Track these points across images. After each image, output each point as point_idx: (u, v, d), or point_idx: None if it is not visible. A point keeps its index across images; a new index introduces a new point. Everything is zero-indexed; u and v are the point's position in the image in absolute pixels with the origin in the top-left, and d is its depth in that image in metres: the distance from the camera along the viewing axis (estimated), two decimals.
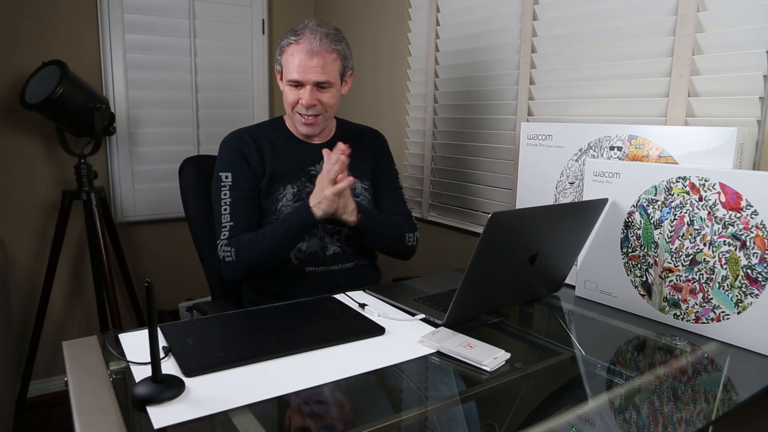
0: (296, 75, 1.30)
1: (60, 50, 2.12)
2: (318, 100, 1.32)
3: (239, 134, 1.41)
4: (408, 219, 1.50)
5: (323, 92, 1.32)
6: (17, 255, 2.17)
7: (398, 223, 1.46)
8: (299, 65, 1.29)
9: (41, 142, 2.15)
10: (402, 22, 2.08)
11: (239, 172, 1.36)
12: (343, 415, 0.75)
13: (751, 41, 1.10)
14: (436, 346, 0.94)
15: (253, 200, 1.36)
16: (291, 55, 1.30)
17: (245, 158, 1.37)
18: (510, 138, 1.66)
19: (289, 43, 1.31)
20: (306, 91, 1.31)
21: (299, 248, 1.36)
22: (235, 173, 1.36)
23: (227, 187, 1.35)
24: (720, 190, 1.00)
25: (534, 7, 1.54)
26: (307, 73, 1.29)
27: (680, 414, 0.76)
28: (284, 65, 1.33)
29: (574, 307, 1.22)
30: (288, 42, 1.32)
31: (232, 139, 1.40)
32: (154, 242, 2.43)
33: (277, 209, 1.36)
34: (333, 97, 1.34)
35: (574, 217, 1.11)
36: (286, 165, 1.38)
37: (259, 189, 1.37)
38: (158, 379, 0.75)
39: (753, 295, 0.96)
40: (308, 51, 1.28)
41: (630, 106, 1.32)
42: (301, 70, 1.29)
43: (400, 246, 1.45)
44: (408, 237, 1.46)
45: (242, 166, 1.36)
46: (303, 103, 1.32)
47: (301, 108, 1.33)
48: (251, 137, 1.40)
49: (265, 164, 1.37)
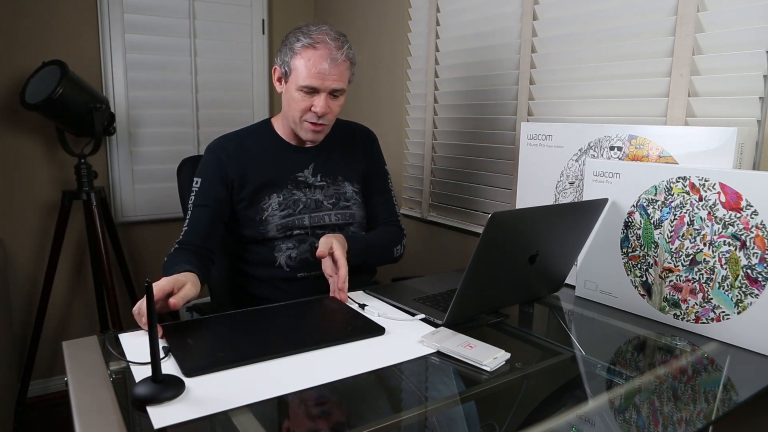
0: (314, 82, 1.24)
1: (60, 50, 2.12)
2: (329, 108, 1.28)
3: (223, 142, 1.37)
4: (396, 228, 1.48)
5: (335, 100, 1.29)
6: (17, 255, 2.17)
7: (387, 242, 1.43)
8: (319, 72, 1.23)
9: (41, 142, 2.15)
10: (402, 22, 2.08)
11: (208, 181, 1.33)
12: (343, 415, 0.75)
13: (751, 41, 1.10)
14: (436, 346, 0.94)
15: (214, 209, 1.32)
16: (308, 60, 1.23)
17: (222, 168, 1.33)
18: (510, 138, 1.66)
19: (305, 47, 1.24)
20: (321, 99, 1.25)
21: (290, 255, 1.35)
22: (204, 180, 1.33)
23: (194, 193, 1.33)
24: (720, 190, 1.00)
25: (534, 7, 1.54)
26: (326, 81, 1.24)
27: (680, 414, 0.76)
28: (295, 69, 1.25)
29: (574, 307, 1.22)
30: (303, 45, 1.24)
31: (214, 147, 1.37)
32: (154, 242, 2.43)
33: (263, 219, 1.33)
34: (340, 106, 1.31)
35: (574, 217, 1.11)
36: (273, 173, 1.35)
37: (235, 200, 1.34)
38: (158, 379, 0.75)
39: (753, 295, 0.96)
40: (330, 58, 1.23)
41: (630, 106, 1.32)
42: (320, 78, 1.23)
43: (388, 261, 1.44)
44: (395, 249, 1.44)
45: (214, 176, 1.33)
46: (317, 111, 1.26)
47: (312, 116, 1.28)
48: (235, 146, 1.36)
49: (247, 174, 1.34)
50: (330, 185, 1.40)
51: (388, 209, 1.49)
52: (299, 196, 1.36)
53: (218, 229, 1.34)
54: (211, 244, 1.31)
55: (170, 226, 2.43)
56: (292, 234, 1.35)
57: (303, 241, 1.36)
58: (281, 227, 1.34)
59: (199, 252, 1.27)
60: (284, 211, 1.34)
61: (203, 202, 1.32)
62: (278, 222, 1.34)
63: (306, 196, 1.37)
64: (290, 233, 1.35)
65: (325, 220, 1.37)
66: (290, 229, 1.34)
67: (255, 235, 1.35)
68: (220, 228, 1.35)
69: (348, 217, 1.40)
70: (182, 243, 1.28)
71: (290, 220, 1.34)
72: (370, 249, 1.36)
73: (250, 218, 1.35)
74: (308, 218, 1.36)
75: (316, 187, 1.38)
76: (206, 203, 1.32)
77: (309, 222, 1.36)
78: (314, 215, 1.37)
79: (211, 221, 1.31)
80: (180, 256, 1.22)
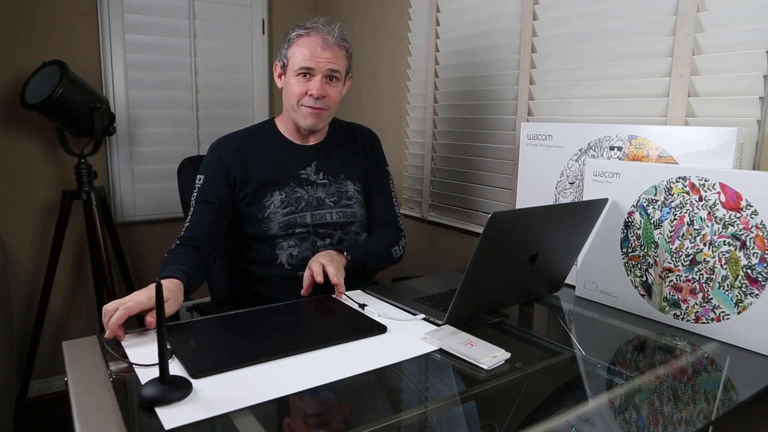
0: (309, 63, 1.28)
1: (60, 50, 2.12)
2: (326, 91, 1.31)
3: (226, 140, 1.39)
4: (394, 229, 1.49)
5: (331, 85, 1.32)
6: (17, 255, 2.17)
7: (386, 246, 1.43)
8: (312, 53, 1.28)
9: (41, 142, 2.15)
10: (402, 22, 2.08)
11: (211, 178, 1.34)
12: (348, 414, 0.75)
13: (751, 41, 1.10)
14: (438, 343, 0.95)
15: (217, 206, 1.33)
16: (302, 46, 1.29)
17: (224, 166, 1.34)
18: (510, 138, 1.66)
19: (299, 35, 1.30)
20: (317, 81, 1.29)
21: (291, 254, 1.35)
22: (207, 177, 1.34)
23: (196, 189, 1.34)
24: (720, 190, 1.00)
25: (534, 7, 1.54)
26: (320, 62, 1.28)
27: (680, 414, 0.76)
28: (291, 57, 1.31)
29: (574, 307, 1.22)
30: (298, 34, 1.30)
31: (217, 145, 1.38)
32: (154, 242, 2.43)
33: (266, 216, 1.34)
34: (338, 93, 1.35)
35: (574, 217, 1.11)
36: (275, 171, 1.36)
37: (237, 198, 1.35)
38: (166, 380, 0.75)
39: (753, 295, 0.96)
40: (322, 42, 1.28)
41: (630, 106, 1.32)
42: (314, 59, 1.28)
43: (389, 263, 1.45)
44: (394, 251, 1.45)
45: (216, 173, 1.34)
46: (313, 93, 1.29)
47: (308, 99, 1.30)
48: (238, 144, 1.38)
49: (249, 173, 1.35)
50: (332, 183, 1.40)
51: (388, 210, 1.49)
52: (301, 193, 1.36)
53: (221, 226, 1.34)
54: (213, 240, 1.30)
55: (170, 226, 2.43)
56: (294, 232, 1.35)
57: (305, 239, 1.36)
58: (283, 225, 1.34)
59: (201, 248, 1.27)
60: (286, 209, 1.35)
61: (206, 198, 1.32)
62: (280, 219, 1.34)
63: (308, 193, 1.37)
64: (292, 231, 1.35)
65: (326, 218, 1.38)
66: (292, 227, 1.35)
67: (257, 232, 1.35)
68: (223, 225, 1.35)
69: (349, 216, 1.41)
70: (184, 239, 1.28)
71: (292, 218, 1.35)
72: (370, 257, 1.37)
73: (252, 216, 1.35)
74: (310, 216, 1.36)
75: (318, 185, 1.39)
76: (209, 199, 1.32)
77: (311, 220, 1.36)
78: (316, 213, 1.37)
79: (213, 217, 1.31)
80: (178, 256, 1.21)
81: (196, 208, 1.32)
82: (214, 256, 1.31)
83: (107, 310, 0.93)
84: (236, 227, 1.39)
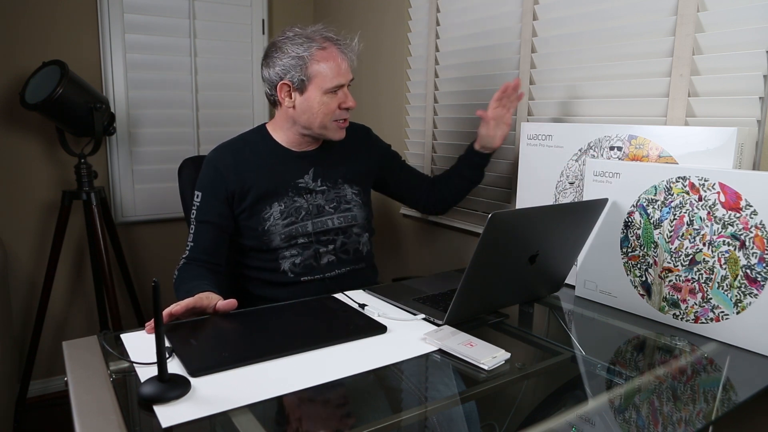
0: (342, 80, 1.28)
1: (60, 50, 2.12)
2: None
3: (222, 153, 1.36)
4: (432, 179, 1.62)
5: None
6: (17, 255, 2.17)
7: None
8: (338, 68, 1.27)
9: (41, 142, 2.15)
10: (402, 22, 2.08)
11: (209, 196, 1.33)
12: (348, 414, 0.75)
13: (751, 41, 1.10)
14: (438, 343, 0.94)
15: (217, 225, 1.32)
16: (330, 61, 1.26)
17: (222, 181, 1.32)
18: (510, 138, 1.66)
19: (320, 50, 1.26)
20: (347, 93, 1.30)
21: (293, 262, 1.35)
22: (205, 195, 1.33)
23: (195, 207, 1.33)
24: (719, 190, 1.00)
25: (534, 7, 1.53)
26: (348, 74, 1.30)
27: (680, 414, 0.76)
28: (317, 75, 1.26)
29: (574, 307, 1.22)
30: (317, 48, 1.26)
31: (212, 159, 1.36)
32: (154, 242, 2.43)
33: (266, 229, 1.33)
34: None
35: (574, 217, 1.11)
36: (273, 182, 1.34)
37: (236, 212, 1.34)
38: (164, 378, 0.75)
39: (752, 295, 0.96)
40: (339, 53, 1.27)
41: (630, 106, 1.32)
42: (343, 72, 1.28)
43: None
44: None
45: (215, 190, 1.32)
46: (351, 105, 1.30)
47: (343, 113, 1.31)
48: (233, 156, 1.35)
49: (247, 185, 1.33)
50: (330, 189, 1.40)
51: (419, 174, 1.59)
52: (301, 202, 1.36)
53: (223, 243, 1.35)
54: (217, 258, 1.33)
55: (170, 226, 2.43)
56: (296, 242, 1.35)
57: (307, 247, 1.36)
58: (285, 236, 1.33)
59: (208, 266, 1.30)
60: (286, 219, 1.34)
61: (206, 218, 1.32)
62: (281, 231, 1.33)
63: (308, 202, 1.36)
64: (294, 242, 1.35)
65: (327, 225, 1.38)
66: (294, 237, 1.34)
67: (258, 245, 1.35)
68: (225, 241, 1.36)
69: (350, 219, 1.41)
70: (190, 259, 1.30)
71: (293, 228, 1.34)
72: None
73: (252, 228, 1.34)
74: (311, 224, 1.36)
75: (317, 192, 1.38)
76: (209, 219, 1.32)
77: (312, 228, 1.36)
78: (317, 220, 1.36)
79: (215, 237, 1.33)
80: (193, 272, 1.24)
81: (197, 228, 1.32)
82: (221, 270, 1.35)
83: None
84: (236, 239, 1.39)
